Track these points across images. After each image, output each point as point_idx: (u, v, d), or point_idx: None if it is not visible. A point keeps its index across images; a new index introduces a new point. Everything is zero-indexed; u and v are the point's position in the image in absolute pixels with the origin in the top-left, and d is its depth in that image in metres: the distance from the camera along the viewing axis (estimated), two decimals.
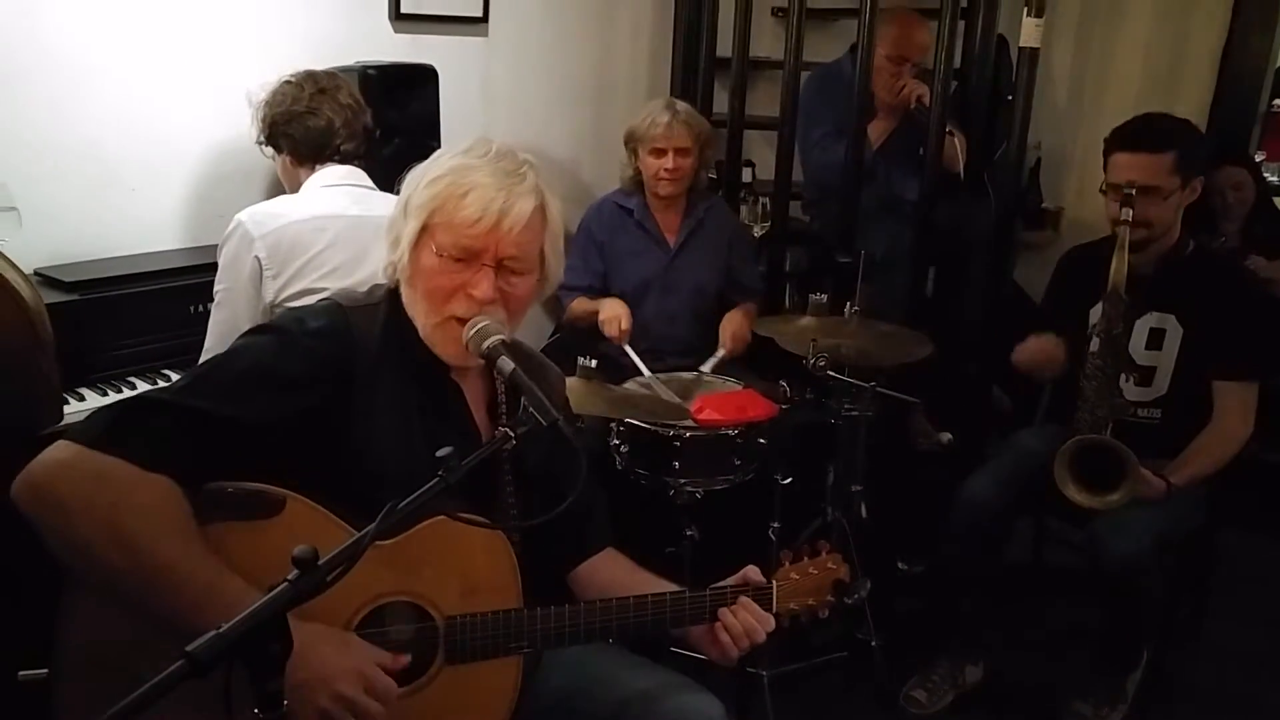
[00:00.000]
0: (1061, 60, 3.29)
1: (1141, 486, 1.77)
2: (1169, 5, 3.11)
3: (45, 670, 1.04)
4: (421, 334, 1.16)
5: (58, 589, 1.03)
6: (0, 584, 1.25)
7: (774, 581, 1.24)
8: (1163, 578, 1.87)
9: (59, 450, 1.00)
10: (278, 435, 1.06)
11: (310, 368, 1.09)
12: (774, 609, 1.23)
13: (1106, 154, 1.96)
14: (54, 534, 0.99)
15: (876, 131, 2.82)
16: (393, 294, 1.19)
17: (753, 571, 1.24)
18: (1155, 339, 1.99)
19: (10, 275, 1.28)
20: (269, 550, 1.02)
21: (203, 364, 1.13)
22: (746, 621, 1.19)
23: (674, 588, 1.24)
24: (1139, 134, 1.92)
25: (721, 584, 1.22)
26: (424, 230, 1.12)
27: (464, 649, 1.11)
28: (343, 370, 1.11)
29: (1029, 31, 2.50)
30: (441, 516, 1.08)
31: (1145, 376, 2.00)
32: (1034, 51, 2.54)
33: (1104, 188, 1.94)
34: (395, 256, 1.15)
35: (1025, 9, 2.50)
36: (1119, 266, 1.82)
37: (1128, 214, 1.82)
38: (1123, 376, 1.89)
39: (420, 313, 1.15)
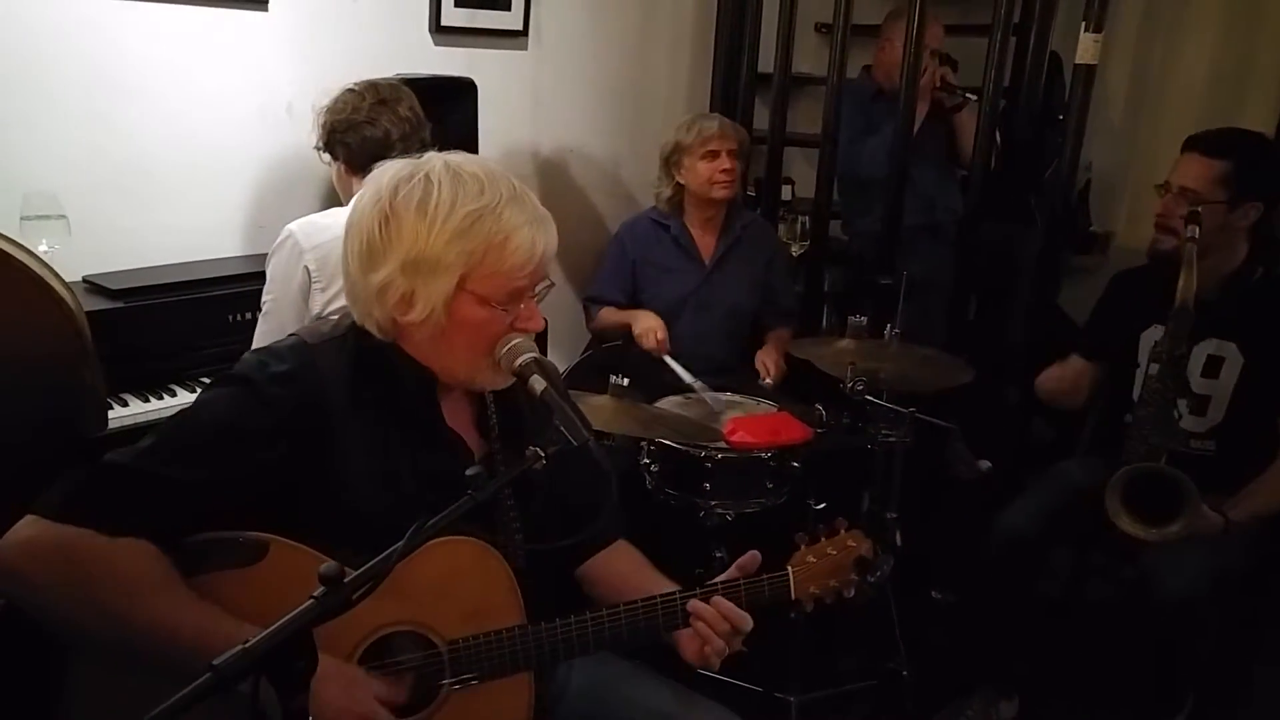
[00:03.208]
0: (1117, 78, 3.21)
1: (1199, 520, 1.69)
2: (1233, 23, 3.01)
3: None
4: (459, 376, 1.13)
5: (62, 652, 1.03)
6: (5, 648, 1.25)
7: (790, 568, 1.19)
8: (1219, 617, 1.79)
9: (23, 529, 0.99)
10: (250, 489, 1.04)
11: (277, 418, 1.06)
12: (791, 596, 1.18)
13: (1181, 154, 1.94)
14: (33, 611, 0.99)
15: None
16: (360, 329, 1.13)
17: (749, 559, 1.19)
18: (1213, 367, 1.92)
19: (55, 284, 1.30)
20: (258, 597, 1.01)
21: (168, 421, 1.08)
22: (714, 621, 1.13)
23: (675, 586, 1.20)
24: (1205, 136, 1.90)
25: (723, 577, 1.18)
26: (459, 285, 1.06)
27: (470, 672, 1.09)
28: (313, 413, 1.07)
29: (1087, 47, 2.44)
30: (432, 543, 1.05)
31: (1200, 405, 1.93)
32: (1090, 68, 2.47)
33: (1160, 184, 1.92)
34: (416, 315, 1.07)
35: (1084, 24, 2.44)
36: (1187, 283, 1.75)
37: (1193, 231, 1.77)
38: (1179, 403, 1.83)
39: (463, 360, 1.11)
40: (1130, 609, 1.90)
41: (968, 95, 2.73)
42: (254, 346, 1.74)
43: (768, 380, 2.38)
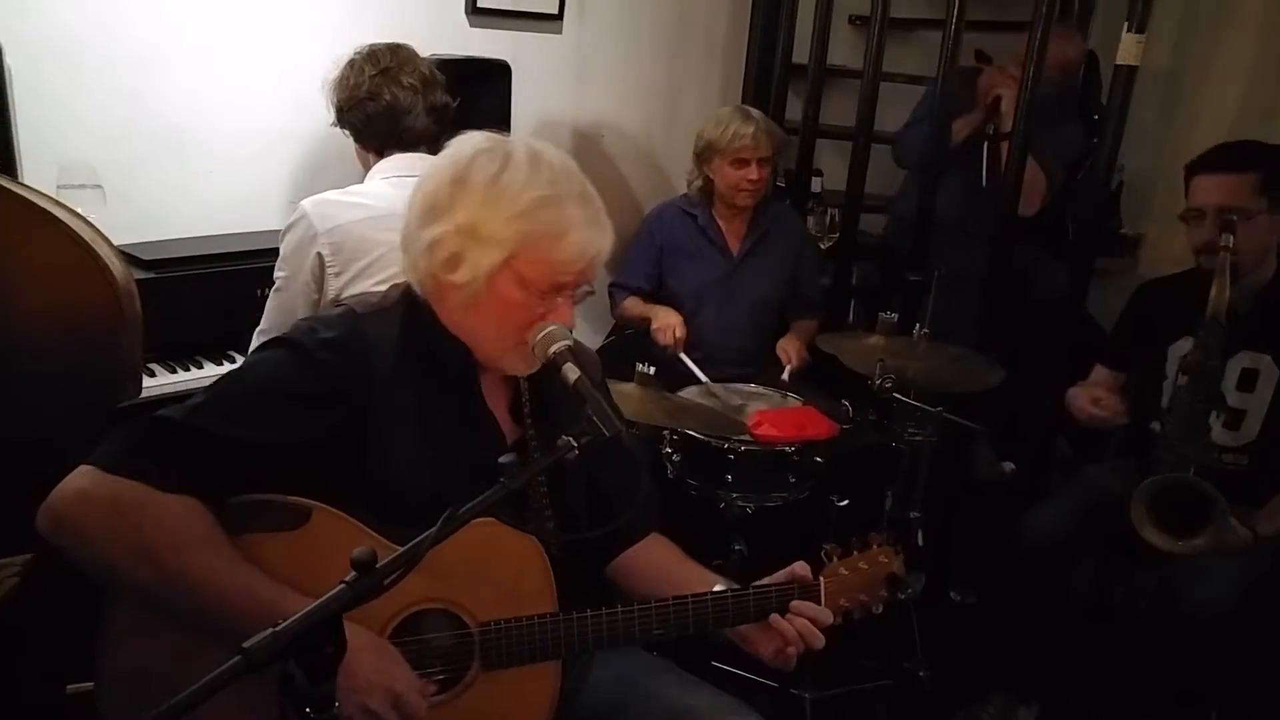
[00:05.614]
0: (1154, 79, 3.14)
1: (1227, 534, 1.67)
2: (1272, 27, 2.94)
3: (92, 683, 1.05)
4: (485, 353, 1.14)
5: (101, 601, 1.04)
6: (46, 597, 1.27)
7: (822, 579, 1.19)
8: (1246, 632, 1.76)
9: (78, 478, 1.01)
10: (296, 452, 1.05)
11: (325, 384, 1.07)
12: (821, 606, 1.18)
13: (1187, 180, 1.90)
14: (82, 561, 1.00)
15: (959, 125, 2.73)
16: (408, 296, 1.16)
17: (800, 568, 1.20)
18: (1247, 380, 1.88)
19: (103, 252, 1.31)
20: (298, 560, 1.03)
21: (219, 381, 1.11)
22: (802, 626, 1.15)
23: (719, 578, 1.21)
24: (1220, 155, 1.87)
25: (766, 580, 1.19)
26: (506, 261, 1.08)
27: (500, 655, 1.10)
28: (359, 382, 1.09)
29: (1129, 48, 2.39)
30: (473, 521, 1.06)
31: (1234, 420, 1.90)
32: (1132, 69, 2.42)
33: (1184, 214, 1.87)
34: (458, 277, 1.09)
35: (1126, 24, 2.39)
36: (1219, 293, 1.72)
37: (1228, 240, 1.74)
38: (1211, 415, 1.80)
39: (490, 338, 1.13)
40: (1155, 618, 1.87)
41: (992, 127, 2.60)
42: (265, 318, 1.74)
43: (789, 367, 2.35)
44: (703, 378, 2.25)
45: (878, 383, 1.90)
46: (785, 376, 2.31)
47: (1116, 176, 3.08)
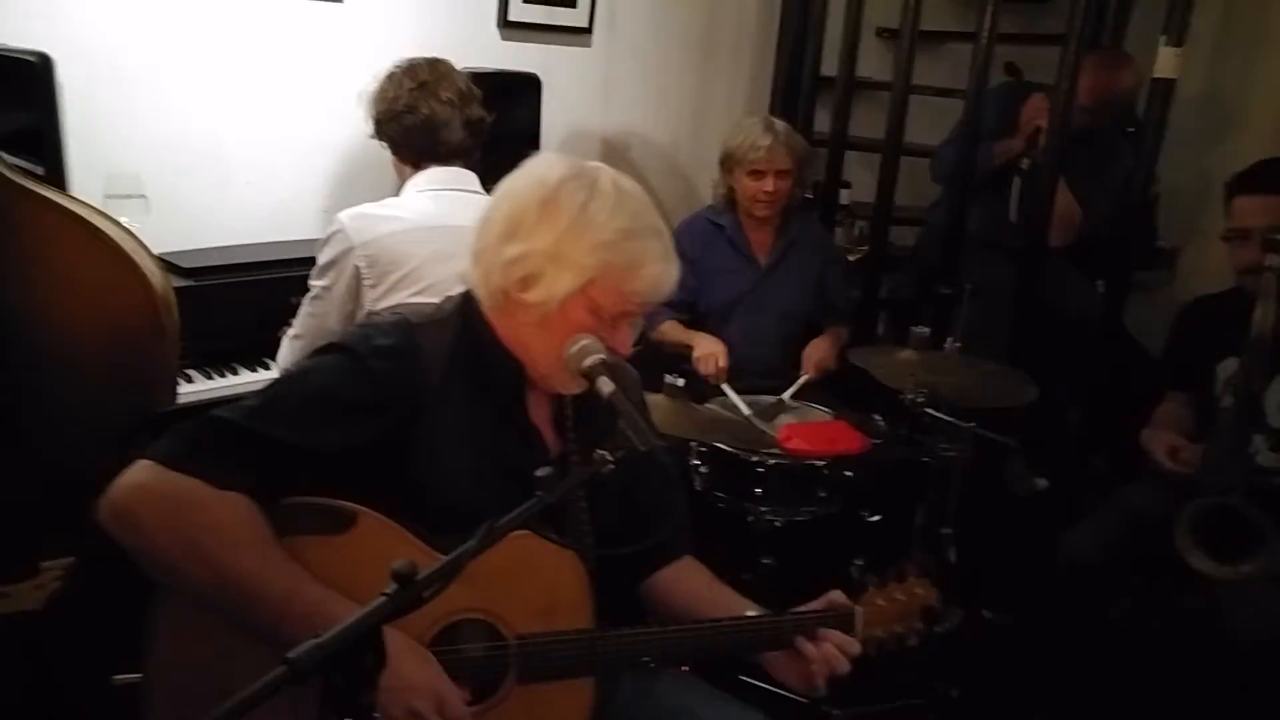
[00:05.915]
0: (1191, 90, 3.09)
1: (1279, 559, 1.63)
2: None
3: (139, 675, 1.06)
4: (540, 370, 1.15)
5: (150, 594, 1.06)
6: (96, 589, 1.30)
7: (858, 608, 1.19)
8: None
9: (138, 472, 1.03)
10: (346, 458, 1.07)
11: (377, 392, 1.09)
12: (858, 636, 1.18)
13: (1228, 199, 1.87)
14: (138, 553, 1.02)
15: (1002, 148, 2.70)
16: (464, 308, 1.18)
17: (838, 596, 1.20)
18: None
19: (143, 262, 1.33)
20: (342, 564, 1.03)
21: (273, 384, 1.13)
22: (828, 651, 1.15)
23: (751, 604, 1.21)
24: (1262, 176, 1.84)
25: (804, 608, 1.19)
26: (583, 288, 1.10)
27: (536, 668, 1.10)
28: (410, 392, 1.11)
29: (1167, 62, 2.34)
30: (513, 533, 1.06)
31: (1279, 441, 1.86)
32: (1170, 83, 2.38)
33: (1226, 234, 1.84)
34: (532, 297, 1.10)
35: (1163, 37, 2.35)
36: (1264, 315, 1.69)
37: (1273, 260, 1.71)
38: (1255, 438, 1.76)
39: (550, 357, 1.13)
40: (1199, 644, 1.83)
41: (1027, 162, 2.53)
42: (297, 323, 1.77)
43: (804, 378, 2.31)
44: (745, 410, 2.20)
45: (909, 397, 1.88)
46: (787, 396, 2.25)
47: (1152, 189, 3.04)
